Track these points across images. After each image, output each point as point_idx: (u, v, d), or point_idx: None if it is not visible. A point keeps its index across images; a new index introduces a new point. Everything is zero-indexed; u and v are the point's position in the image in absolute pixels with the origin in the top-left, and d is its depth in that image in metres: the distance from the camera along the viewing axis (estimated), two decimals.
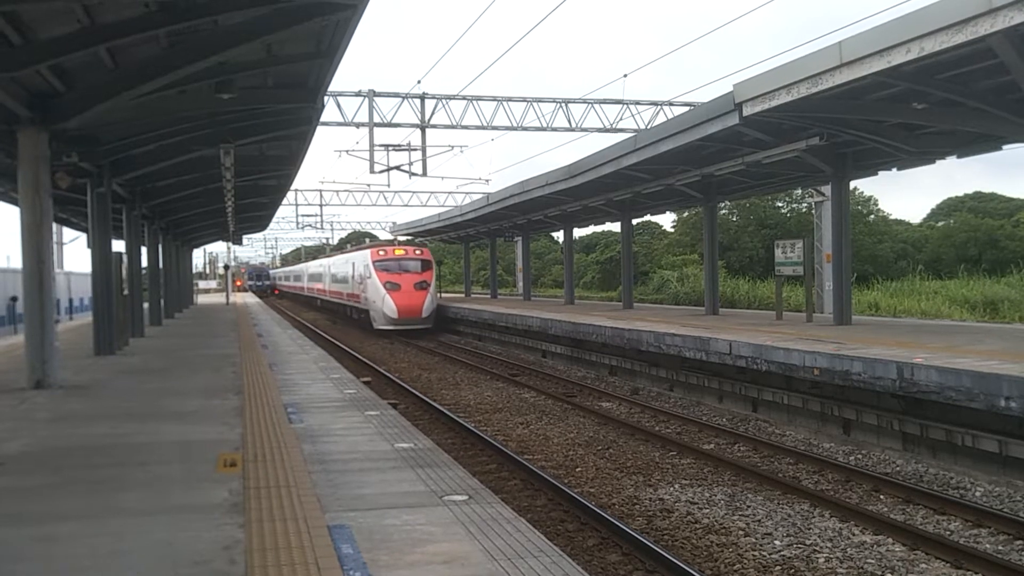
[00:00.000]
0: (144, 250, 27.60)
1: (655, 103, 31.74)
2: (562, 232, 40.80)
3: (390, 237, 58.91)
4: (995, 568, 8.16)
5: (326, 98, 17.14)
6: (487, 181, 48.70)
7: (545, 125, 31.26)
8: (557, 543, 7.41)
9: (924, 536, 9.16)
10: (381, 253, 39.09)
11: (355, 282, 42.77)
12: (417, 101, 29.81)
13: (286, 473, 7.57)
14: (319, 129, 19.91)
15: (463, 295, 58.47)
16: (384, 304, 37.06)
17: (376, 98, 29.21)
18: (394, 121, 29.87)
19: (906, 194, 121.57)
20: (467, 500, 6.73)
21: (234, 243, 62.10)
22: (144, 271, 27.80)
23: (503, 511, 6.47)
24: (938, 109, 15.39)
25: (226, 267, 72.18)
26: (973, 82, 14.45)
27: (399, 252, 39.28)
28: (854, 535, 9.42)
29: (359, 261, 41.93)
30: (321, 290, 61.05)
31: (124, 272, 21.11)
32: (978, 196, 69.58)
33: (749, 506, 10.57)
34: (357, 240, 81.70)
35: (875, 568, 8.38)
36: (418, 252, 39.96)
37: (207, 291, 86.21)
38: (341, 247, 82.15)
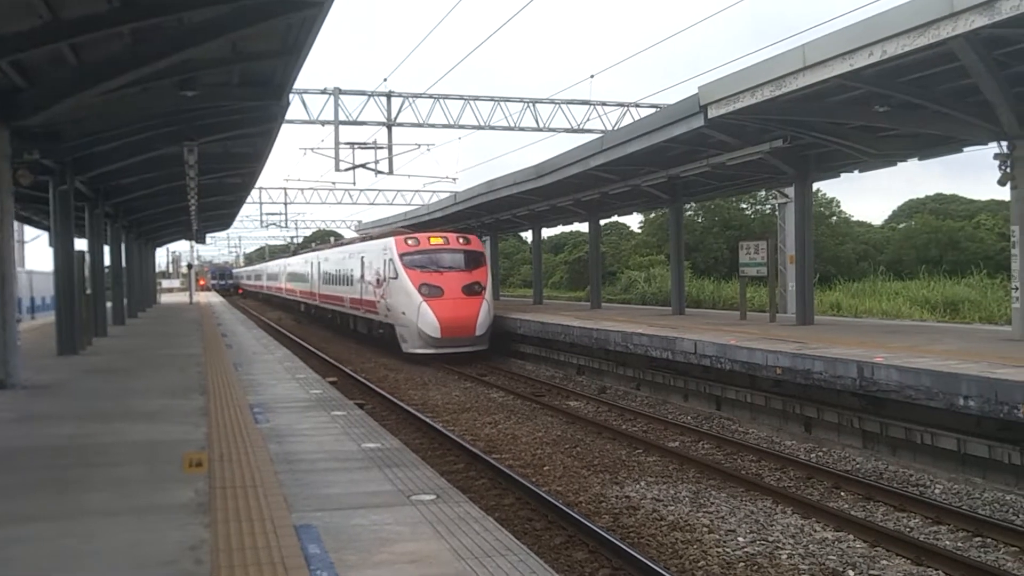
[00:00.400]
0: (107, 249, 27.31)
1: (622, 104, 31.87)
2: (530, 232, 40.85)
3: (355, 235, 58.10)
4: (954, 564, 8.31)
5: (291, 96, 17.07)
6: (454, 180, 48.52)
7: (512, 125, 31.29)
8: (524, 541, 7.46)
9: (884, 533, 9.29)
10: (410, 243, 28.17)
11: (367, 284, 31.53)
12: (383, 99, 29.71)
13: (252, 473, 7.54)
14: (284, 127, 19.83)
15: None
16: (420, 318, 26.02)
17: (342, 96, 29.08)
18: (360, 119, 29.75)
19: (868, 196, 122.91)
20: (435, 499, 6.75)
21: (198, 242, 61.50)
22: (107, 270, 27.51)
23: (471, 510, 6.50)
24: (900, 112, 15.62)
25: (189, 266, 71.45)
26: (934, 85, 14.68)
27: (436, 241, 28.49)
28: (816, 532, 9.54)
29: (374, 254, 30.75)
30: (308, 293, 48.30)
31: (87, 271, 20.89)
32: (939, 198, 70.45)
33: (713, 503, 10.67)
34: (322, 239, 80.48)
35: (837, 564, 8.50)
36: (463, 241, 28.67)
37: (170, 290, 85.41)
38: (306, 245, 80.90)
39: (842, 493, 11.18)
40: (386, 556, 5.42)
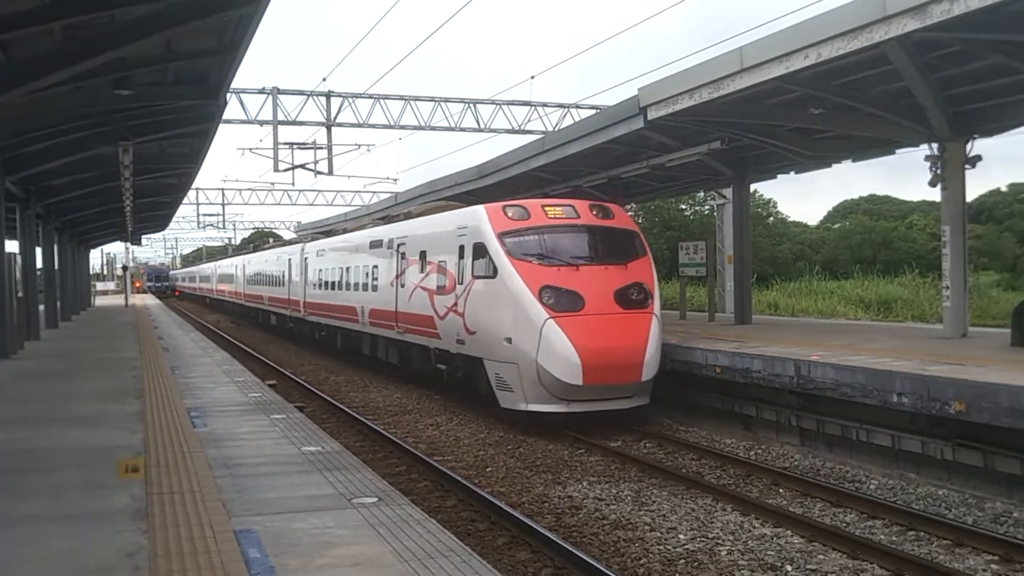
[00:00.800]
0: (39, 251, 26.71)
1: (562, 105, 32.00)
2: None
3: (294, 236, 56.89)
4: (889, 558, 8.47)
5: (229, 95, 16.87)
6: (395, 181, 48.17)
7: (453, 125, 31.25)
8: (468, 543, 7.44)
9: (821, 528, 9.44)
10: (513, 215, 16.24)
11: (416, 289, 19.50)
12: (322, 99, 29.46)
13: (190, 478, 7.43)
14: (221, 127, 19.56)
15: None
16: (544, 349, 14.59)
17: (280, 96, 28.76)
18: (299, 119, 29.45)
19: (804, 197, 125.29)
20: (376, 502, 6.71)
21: (133, 243, 60.51)
22: (39, 272, 26.92)
23: (413, 512, 6.48)
24: (834, 114, 15.92)
25: (125, 268, 70.15)
26: (868, 88, 14.99)
27: (555, 213, 16.46)
28: (755, 528, 9.67)
29: (438, 237, 18.81)
30: (285, 302, 35.38)
31: (18, 273, 20.42)
32: (872, 199, 72.03)
33: (654, 501, 10.75)
34: (260, 240, 78.61)
35: (775, 560, 8.61)
36: (599, 213, 16.90)
37: (105, 293, 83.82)
38: (242, 247, 78.57)
39: (780, 490, 11.34)
40: (328, 560, 5.38)
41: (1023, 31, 11.41)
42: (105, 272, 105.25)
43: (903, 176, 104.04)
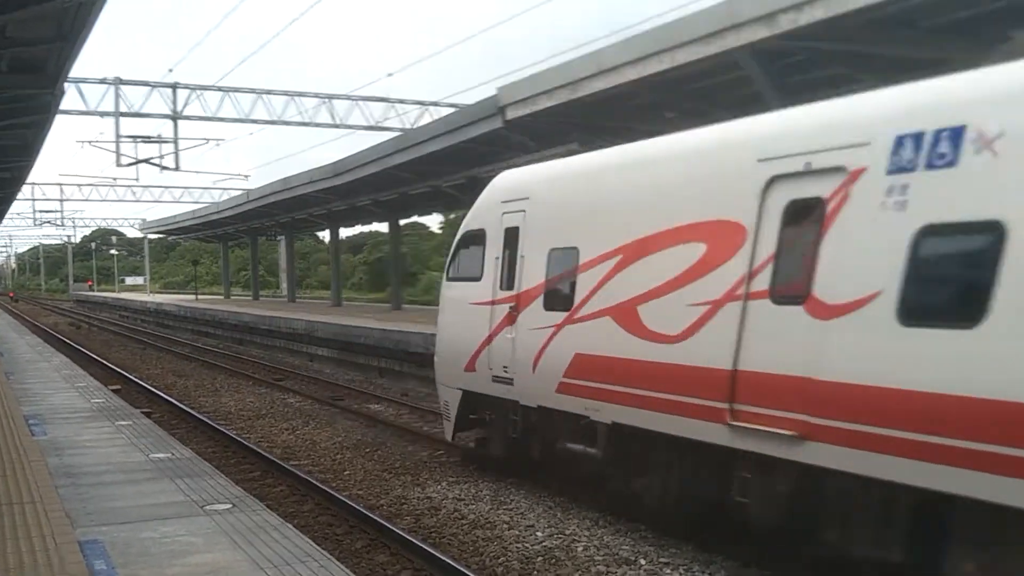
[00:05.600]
0: None
1: (420, 103, 31.86)
2: (328, 232, 40.19)
3: (139, 235, 55.37)
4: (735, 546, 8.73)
5: (67, 84, 16.13)
6: (247, 177, 47.06)
7: (307, 120, 30.66)
8: (325, 547, 7.31)
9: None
10: None
11: None
12: (168, 91, 28.43)
13: (30, 488, 7.06)
14: (59, 118, 18.69)
15: (222, 297, 56.58)
16: None
17: (123, 86, 27.61)
18: (143, 111, 28.33)
19: None
20: (230, 509, 6.53)
21: None
22: None
23: (269, 518, 6.34)
24: (688, 119, 16.35)
25: None
26: (722, 93, 15.46)
27: None
28: (610, 524, 9.83)
29: None
30: None
31: None
32: None
33: (512, 500, 10.82)
34: (102, 238, 75.48)
35: (629, 554, 8.79)
36: None
37: None
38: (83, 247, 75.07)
39: None
40: (179, 569, 5.20)
41: (863, 42, 12.01)
42: None
43: None
